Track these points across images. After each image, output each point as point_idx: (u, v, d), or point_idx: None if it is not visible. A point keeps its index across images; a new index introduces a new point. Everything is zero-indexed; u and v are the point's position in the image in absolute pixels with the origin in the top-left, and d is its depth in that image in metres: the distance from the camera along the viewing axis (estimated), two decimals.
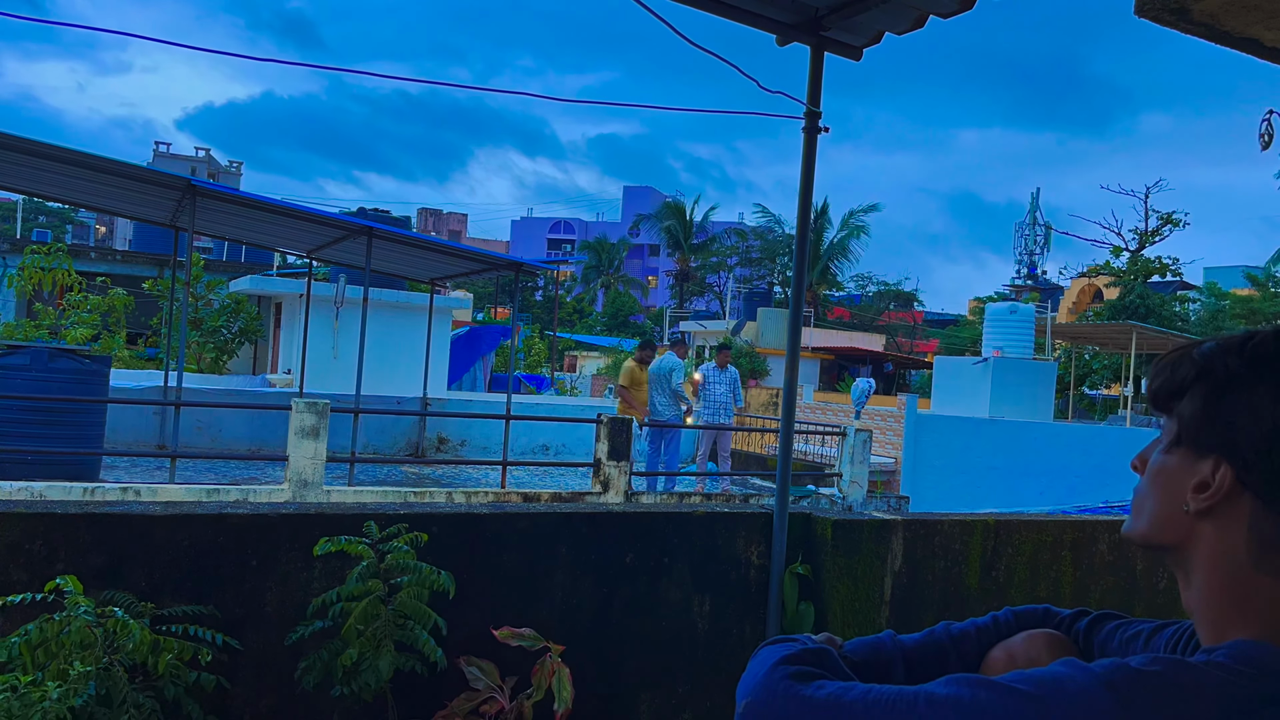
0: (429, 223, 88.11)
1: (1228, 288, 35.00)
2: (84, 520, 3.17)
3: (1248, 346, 0.93)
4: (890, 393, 31.78)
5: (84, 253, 23.98)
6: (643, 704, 4.00)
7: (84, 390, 8.79)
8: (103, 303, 17.97)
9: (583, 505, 5.31)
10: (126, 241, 49.18)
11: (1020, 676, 0.86)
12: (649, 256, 75.40)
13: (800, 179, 4.32)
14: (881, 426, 16.03)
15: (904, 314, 53.09)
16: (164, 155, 71.03)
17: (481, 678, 3.47)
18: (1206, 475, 0.93)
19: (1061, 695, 0.83)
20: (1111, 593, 4.78)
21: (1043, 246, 50.54)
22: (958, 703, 0.85)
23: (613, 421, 8.74)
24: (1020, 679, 0.85)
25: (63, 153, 8.84)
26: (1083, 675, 0.84)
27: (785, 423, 4.48)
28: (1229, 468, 0.91)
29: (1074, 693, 0.82)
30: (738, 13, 3.92)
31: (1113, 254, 35.96)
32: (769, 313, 38.00)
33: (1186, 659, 0.86)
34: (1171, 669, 0.84)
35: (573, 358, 43.35)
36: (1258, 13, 2.50)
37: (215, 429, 13.02)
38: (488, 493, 8.68)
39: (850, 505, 9.88)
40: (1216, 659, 0.85)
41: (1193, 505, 0.94)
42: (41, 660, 2.70)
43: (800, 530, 4.33)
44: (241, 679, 3.33)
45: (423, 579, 3.25)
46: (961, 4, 3.71)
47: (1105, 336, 26.39)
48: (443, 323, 17.00)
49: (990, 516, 4.66)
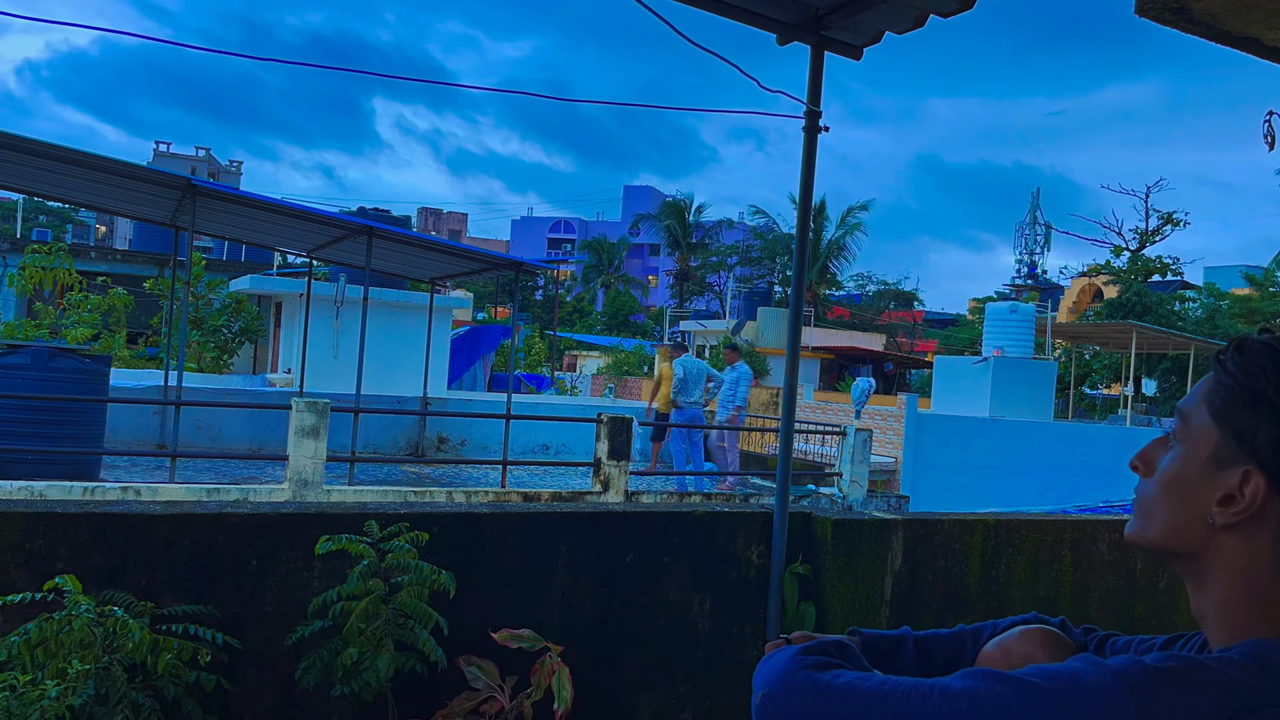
0: (429, 222, 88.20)
1: (1227, 288, 34.98)
2: (84, 520, 3.17)
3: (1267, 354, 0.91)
4: (890, 392, 31.78)
5: (84, 252, 23.99)
6: (643, 703, 4.00)
7: (84, 390, 8.79)
8: (103, 302, 17.98)
9: (583, 505, 5.31)
10: (127, 241, 49.22)
11: (1036, 671, 0.86)
12: (649, 256, 75.38)
13: (800, 178, 4.32)
14: (881, 426, 16.03)
15: (904, 313, 53.10)
16: (164, 155, 71.11)
17: (481, 677, 3.47)
18: (1233, 488, 0.90)
19: (1078, 690, 0.82)
20: (1111, 593, 4.78)
21: (1043, 246, 50.56)
22: (972, 695, 0.85)
23: (613, 421, 8.74)
24: (1036, 673, 0.85)
25: (63, 152, 8.83)
26: (1099, 671, 0.84)
27: (785, 422, 4.48)
28: (1262, 478, 0.89)
29: (1090, 687, 0.82)
30: (738, 12, 3.92)
31: (1113, 253, 35.96)
32: (769, 312, 38.01)
33: (1201, 656, 0.86)
34: (1187, 666, 0.84)
35: (573, 357, 43.36)
36: (1258, 12, 2.50)
37: (215, 428, 13.01)
38: (488, 492, 8.67)
39: (850, 505, 9.88)
40: (1231, 657, 0.85)
41: (1219, 519, 0.91)
42: (41, 659, 2.70)
43: (800, 530, 4.33)
44: (241, 678, 3.33)
45: (423, 578, 3.25)
46: (961, 3, 3.71)
47: (1105, 336, 26.38)
48: (443, 322, 17.01)
49: (990, 516, 4.66)
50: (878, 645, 1.17)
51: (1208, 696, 0.81)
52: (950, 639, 1.20)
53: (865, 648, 1.16)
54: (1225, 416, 0.92)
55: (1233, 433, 0.91)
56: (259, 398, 14.32)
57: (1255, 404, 0.90)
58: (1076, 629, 1.21)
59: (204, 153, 74.04)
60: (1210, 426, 0.93)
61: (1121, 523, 4.92)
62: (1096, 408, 31.59)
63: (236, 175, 73.76)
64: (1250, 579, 0.90)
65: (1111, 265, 35.96)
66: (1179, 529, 0.95)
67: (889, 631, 1.20)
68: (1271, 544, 0.89)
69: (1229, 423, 0.91)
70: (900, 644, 1.18)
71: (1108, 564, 4.79)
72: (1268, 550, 0.89)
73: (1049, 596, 4.62)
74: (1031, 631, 1.17)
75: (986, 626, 1.22)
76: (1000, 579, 4.53)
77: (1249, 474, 0.89)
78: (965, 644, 1.20)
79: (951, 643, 1.20)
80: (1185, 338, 24.43)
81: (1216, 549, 0.92)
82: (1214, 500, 0.91)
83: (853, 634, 1.19)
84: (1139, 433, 18.91)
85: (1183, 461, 0.95)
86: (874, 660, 1.14)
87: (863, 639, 1.18)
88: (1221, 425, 0.92)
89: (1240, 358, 0.92)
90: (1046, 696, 0.83)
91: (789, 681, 0.95)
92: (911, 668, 1.16)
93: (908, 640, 1.19)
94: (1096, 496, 15.30)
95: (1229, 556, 0.91)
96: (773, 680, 0.96)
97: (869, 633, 1.19)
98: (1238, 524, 0.90)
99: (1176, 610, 4.95)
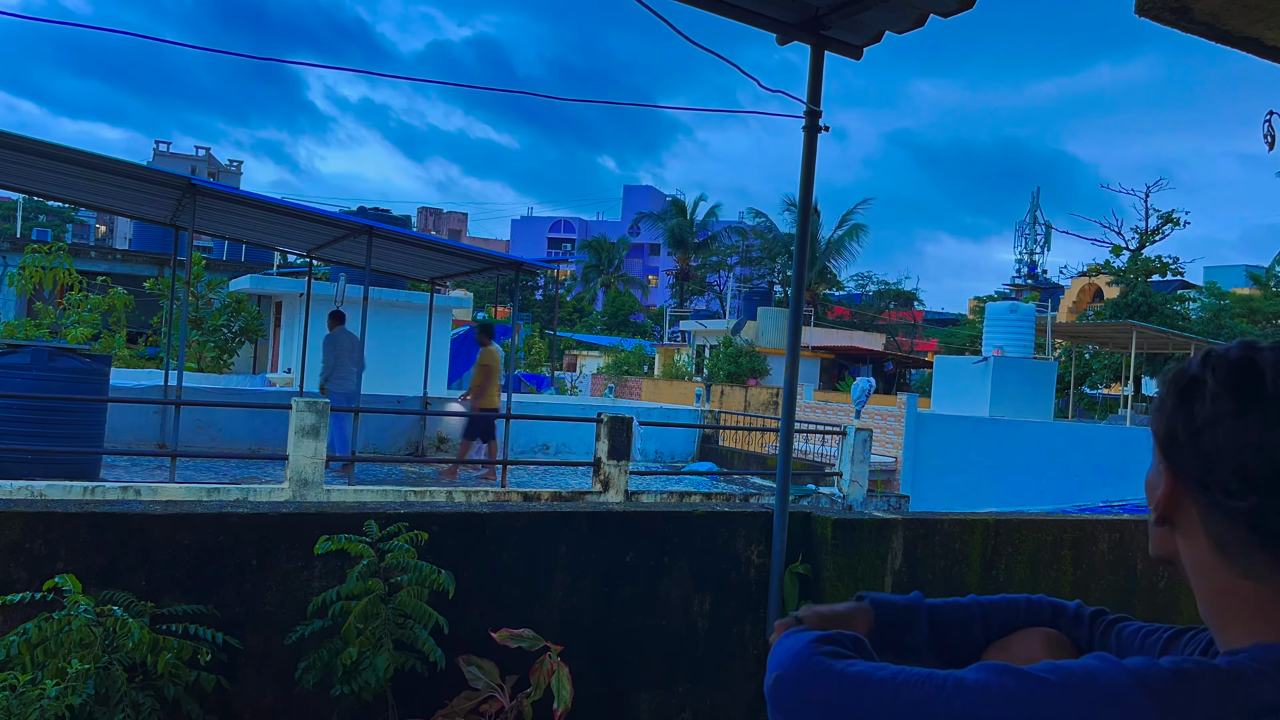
0: (429, 222, 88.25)
1: (1228, 287, 35.00)
2: (84, 519, 3.17)
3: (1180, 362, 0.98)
4: (890, 392, 31.78)
5: (84, 252, 23.99)
6: (642, 703, 4.00)
7: (84, 389, 8.79)
8: (103, 302, 17.98)
9: (583, 504, 5.31)
10: (127, 240, 49.24)
11: (1050, 667, 0.86)
12: (649, 256, 75.40)
13: (800, 178, 4.32)
14: (881, 426, 16.03)
15: (904, 313, 53.10)
16: (164, 154, 71.18)
17: (481, 677, 3.47)
18: (1160, 484, 0.96)
19: (1092, 688, 0.83)
20: (1111, 592, 4.78)
21: (1043, 246, 50.55)
22: (985, 689, 0.85)
23: (613, 421, 8.74)
24: (1050, 669, 0.86)
25: (63, 152, 8.84)
26: (1114, 670, 0.84)
27: (785, 422, 4.47)
28: (1170, 474, 0.95)
29: (1105, 686, 0.83)
30: (738, 12, 3.92)
31: (1113, 253, 35.97)
32: (769, 312, 38.02)
33: (1213, 661, 0.87)
34: (1202, 669, 0.84)
35: (573, 357, 43.38)
36: (1258, 12, 2.50)
37: (215, 428, 13.01)
38: (488, 492, 8.68)
39: (850, 504, 9.88)
40: (1241, 661, 0.85)
41: (1151, 516, 0.98)
42: (40, 659, 2.70)
43: (800, 529, 4.33)
44: (241, 678, 3.33)
45: (423, 578, 3.25)
46: (961, 3, 3.71)
47: (1105, 336, 26.39)
48: (443, 322, 17.02)
49: (990, 516, 4.66)
50: (889, 615, 1.20)
51: (1222, 700, 0.82)
52: (962, 613, 1.22)
53: (876, 615, 1.18)
54: (1153, 423, 0.99)
55: (1154, 433, 0.99)
56: (259, 397, 14.32)
57: (1160, 407, 0.97)
58: (1088, 610, 1.24)
59: (204, 152, 74.25)
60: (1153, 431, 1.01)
61: (1121, 523, 4.92)
62: (1096, 407, 31.59)
63: (236, 175, 73.88)
64: (1209, 577, 0.93)
65: (1111, 265, 35.97)
66: (1153, 534, 1.01)
67: (899, 597, 1.22)
68: (1203, 538, 0.93)
69: (1154, 428, 0.99)
70: (912, 616, 1.20)
71: (1108, 564, 4.79)
72: (1203, 543, 0.93)
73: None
74: (1034, 634, 1.18)
75: (1000, 602, 1.24)
76: (1000, 579, 4.53)
77: (1162, 470, 0.96)
78: (975, 620, 1.22)
79: (963, 616, 1.22)
80: (1185, 337, 24.44)
81: (1180, 550, 0.97)
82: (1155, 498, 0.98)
83: (860, 598, 1.21)
84: (1139, 433, 18.90)
85: (1151, 472, 1.02)
86: (885, 629, 1.18)
87: (873, 605, 1.20)
88: (1154, 432, 0.99)
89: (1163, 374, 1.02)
90: (1062, 693, 0.83)
91: (803, 665, 0.96)
92: (923, 639, 1.19)
93: (920, 612, 1.21)
94: (1096, 496, 15.31)
95: (1184, 555, 0.96)
96: (787, 663, 0.97)
97: (879, 598, 1.21)
98: (1172, 520, 0.96)
99: (1177, 610, 4.95)
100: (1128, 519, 5.08)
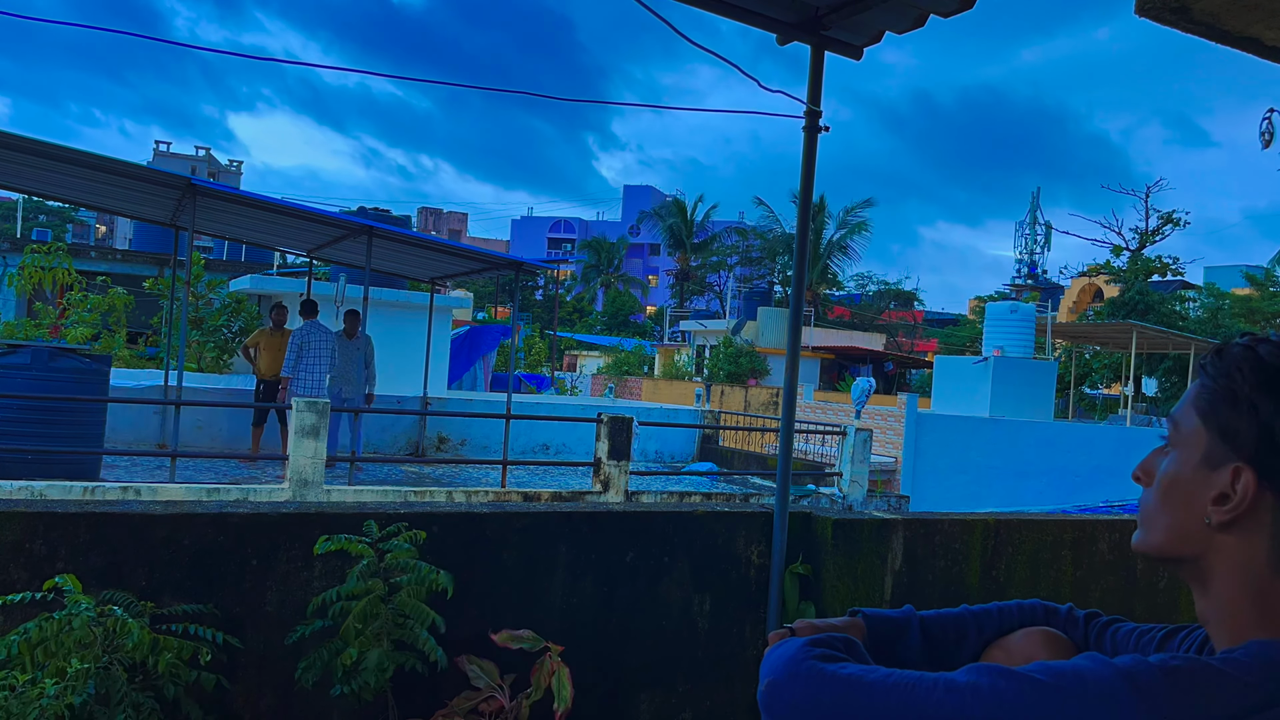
0: (429, 222, 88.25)
1: (1227, 287, 34.98)
2: (84, 519, 3.17)
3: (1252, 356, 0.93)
4: (890, 392, 31.78)
5: (84, 252, 23.97)
6: (643, 703, 4.00)
7: (84, 390, 8.79)
8: (103, 302, 17.96)
9: (583, 505, 5.31)
10: (127, 241, 49.25)
11: (1041, 667, 0.86)
12: (649, 255, 75.40)
13: (801, 178, 4.32)
14: (881, 426, 16.03)
15: (904, 313, 53.09)
16: (164, 155, 71.20)
17: (481, 676, 3.47)
18: (1226, 486, 0.92)
19: (1082, 687, 0.83)
20: (1111, 593, 4.78)
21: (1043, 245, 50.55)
22: (976, 690, 0.85)
23: (613, 421, 8.74)
24: (1041, 670, 0.86)
25: (63, 152, 8.83)
26: (1104, 669, 0.84)
27: (785, 422, 4.47)
28: (1251, 473, 0.91)
29: (1095, 685, 0.83)
30: (738, 12, 3.92)
31: (1113, 253, 35.98)
32: (769, 312, 38.03)
33: (1205, 658, 0.87)
34: (1192, 667, 0.84)
35: (573, 357, 43.39)
36: (1258, 12, 2.50)
37: (215, 428, 13.01)
38: (488, 492, 8.68)
39: (850, 504, 9.88)
40: (1235, 658, 0.85)
41: (1214, 518, 0.93)
42: (40, 659, 2.70)
43: (800, 529, 4.33)
44: (241, 678, 3.33)
45: (422, 578, 3.25)
46: (961, 3, 3.71)
47: (1105, 336, 26.38)
48: (443, 322, 16.99)
49: (990, 516, 4.66)
50: (882, 628, 1.18)
51: (1212, 697, 0.82)
52: (955, 623, 1.21)
53: (869, 629, 1.17)
54: (1211, 417, 0.95)
55: (1219, 432, 0.94)
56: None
57: (1235, 402, 0.93)
58: (1080, 612, 1.23)
59: (204, 152, 74.22)
60: (1199, 428, 0.96)
61: (1122, 522, 4.92)
62: (1097, 408, 31.60)
63: (237, 175, 73.87)
64: (1250, 576, 0.91)
65: (1112, 265, 35.98)
66: (1179, 532, 0.97)
67: (892, 611, 1.21)
68: (1268, 539, 0.91)
69: (1215, 423, 0.94)
70: (905, 628, 1.19)
71: (1108, 564, 4.79)
72: (1265, 546, 0.91)
73: (1049, 596, 4.61)
74: (1034, 634, 1.18)
75: (993, 610, 1.23)
76: (1000, 579, 4.53)
77: (1239, 470, 0.91)
78: (969, 629, 1.21)
79: (956, 627, 1.21)
80: (1185, 337, 24.44)
81: (1216, 549, 0.94)
82: (1209, 500, 0.93)
83: (854, 614, 1.20)
84: (1139, 433, 18.92)
85: (1177, 466, 0.98)
86: (879, 642, 1.16)
87: (866, 620, 1.19)
88: (1209, 426, 0.95)
89: (1220, 360, 0.96)
90: (1051, 693, 0.83)
91: (795, 670, 0.96)
92: (916, 651, 1.18)
93: (913, 624, 1.20)
94: (1096, 496, 15.30)
95: (1228, 555, 0.93)
96: (779, 669, 0.97)
97: (872, 612, 1.20)
98: (1233, 522, 0.92)
99: (1177, 610, 4.95)
100: (1128, 519, 5.08)
